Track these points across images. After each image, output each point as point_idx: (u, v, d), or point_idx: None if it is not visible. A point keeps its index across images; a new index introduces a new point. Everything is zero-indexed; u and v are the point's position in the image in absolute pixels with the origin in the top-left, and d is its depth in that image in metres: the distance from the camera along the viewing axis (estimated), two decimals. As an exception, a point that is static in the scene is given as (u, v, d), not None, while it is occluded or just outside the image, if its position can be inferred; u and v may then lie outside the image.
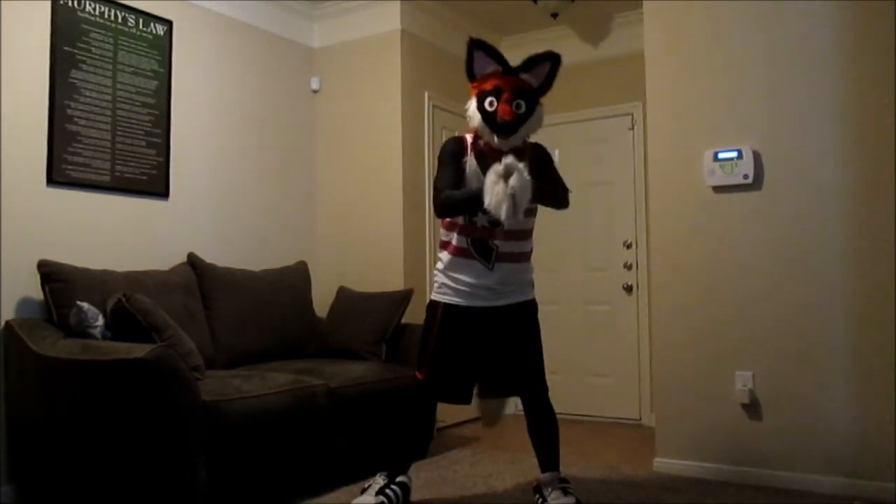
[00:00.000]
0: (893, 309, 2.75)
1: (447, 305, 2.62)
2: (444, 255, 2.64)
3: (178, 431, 2.39)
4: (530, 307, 2.67)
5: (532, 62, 2.48)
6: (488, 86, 2.45)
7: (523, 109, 2.44)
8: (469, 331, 2.60)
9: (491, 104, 2.43)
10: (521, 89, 2.45)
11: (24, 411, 2.71)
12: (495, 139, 2.45)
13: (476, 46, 2.48)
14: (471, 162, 2.55)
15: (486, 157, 2.50)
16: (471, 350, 2.60)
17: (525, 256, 2.64)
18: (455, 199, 2.49)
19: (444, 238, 2.67)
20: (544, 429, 2.65)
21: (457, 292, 2.60)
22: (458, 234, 2.58)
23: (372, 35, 4.30)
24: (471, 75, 2.51)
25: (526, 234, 2.62)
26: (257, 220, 4.07)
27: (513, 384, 2.68)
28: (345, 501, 2.70)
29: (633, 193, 4.55)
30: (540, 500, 2.57)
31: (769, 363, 2.98)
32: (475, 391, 2.69)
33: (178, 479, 2.38)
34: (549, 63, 2.49)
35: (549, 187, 2.50)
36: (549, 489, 2.56)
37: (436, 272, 2.71)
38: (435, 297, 2.67)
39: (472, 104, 2.49)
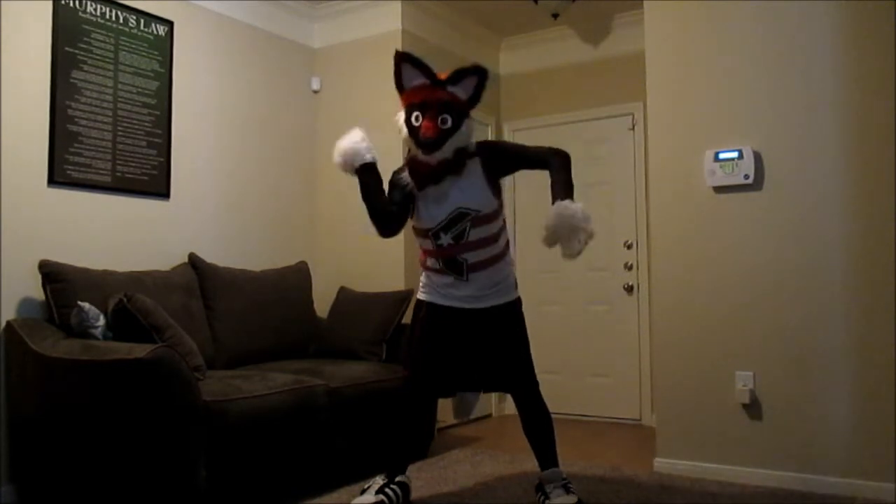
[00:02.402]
0: (893, 309, 2.75)
1: (430, 304, 2.66)
2: (423, 270, 2.72)
3: (178, 431, 2.39)
4: (514, 306, 2.69)
5: (459, 75, 2.46)
6: (416, 98, 2.44)
7: (449, 125, 2.42)
8: (453, 329, 2.63)
9: (416, 118, 2.43)
10: (447, 103, 2.43)
11: (25, 411, 2.71)
12: (420, 154, 2.46)
13: (403, 59, 2.47)
14: (406, 176, 2.55)
15: (417, 168, 2.51)
16: (454, 348, 2.63)
17: (497, 258, 2.62)
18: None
19: (419, 253, 2.73)
20: (538, 425, 2.66)
21: (439, 294, 2.66)
22: (430, 256, 2.63)
23: (372, 35, 4.30)
24: (399, 87, 2.50)
25: (491, 240, 2.59)
26: (258, 220, 4.07)
27: (502, 383, 2.70)
28: (345, 501, 2.71)
29: (634, 193, 4.55)
30: (542, 497, 2.58)
31: (769, 363, 2.98)
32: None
33: (178, 479, 2.39)
34: (476, 77, 2.47)
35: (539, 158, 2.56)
36: (552, 486, 2.57)
37: (421, 272, 2.76)
38: (420, 296, 2.73)
39: (401, 117, 2.49)
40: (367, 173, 2.55)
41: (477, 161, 2.55)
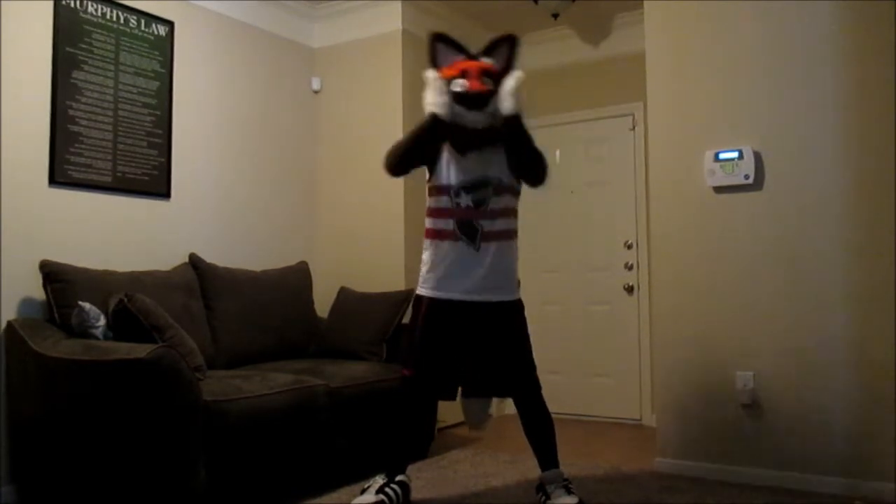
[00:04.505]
0: (893, 309, 2.75)
1: (431, 300, 2.64)
2: (430, 243, 2.67)
3: (178, 431, 2.40)
4: (516, 306, 2.68)
5: (492, 46, 2.60)
6: (455, 71, 2.52)
7: (491, 86, 2.50)
8: (454, 326, 2.61)
9: (460, 86, 2.49)
10: (486, 69, 2.53)
11: (26, 411, 2.72)
12: (470, 116, 2.49)
13: (437, 39, 2.59)
14: (448, 150, 2.61)
15: (462, 133, 2.55)
16: (456, 346, 2.61)
17: (510, 234, 2.66)
18: (399, 141, 2.64)
19: (428, 226, 2.69)
20: (539, 427, 2.66)
21: (440, 284, 2.62)
22: (444, 217, 2.62)
23: (372, 35, 4.30)
24: (435, 67, 2.58)
25: (510, 213, 2.66)
26: (258, 220, 4.08)
27: (503, 385, 2.69)
28: (345, 501, 2.71)
29: (634, 194, 4.55)
30: (543, 497, 2.58)
31: (770, 363, 2.98)
32: (459, 391, 2.69)
33: (178, 479, 2.39)
34: (507, 44, 2.59)
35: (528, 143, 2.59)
36: (553, 486, 2.57)
37: (421, 265, 2.71)
38: (419, 291, 2.70)
39: (433, 94, 2.51)
40: (436, 125, 2.52)
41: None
